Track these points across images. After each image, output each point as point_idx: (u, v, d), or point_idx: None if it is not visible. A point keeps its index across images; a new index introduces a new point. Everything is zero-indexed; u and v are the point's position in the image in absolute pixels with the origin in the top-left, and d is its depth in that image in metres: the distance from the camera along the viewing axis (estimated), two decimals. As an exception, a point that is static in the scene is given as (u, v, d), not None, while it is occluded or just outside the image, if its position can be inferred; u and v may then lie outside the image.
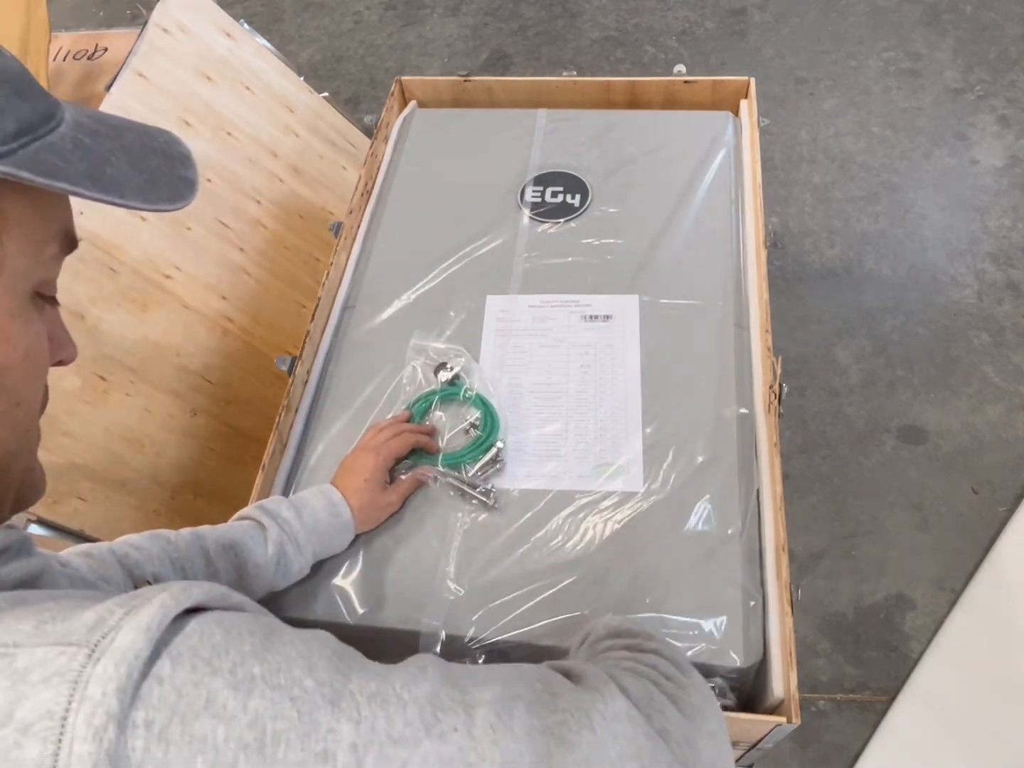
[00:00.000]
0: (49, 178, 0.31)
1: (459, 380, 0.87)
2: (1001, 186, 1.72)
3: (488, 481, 0.80)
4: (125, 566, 0.58)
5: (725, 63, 2.05)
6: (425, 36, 2.26)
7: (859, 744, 1.14)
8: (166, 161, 0.37)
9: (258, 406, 1.19)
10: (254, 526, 0.69)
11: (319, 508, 0.72)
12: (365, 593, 0.75)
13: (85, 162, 0.33)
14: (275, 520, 0.69)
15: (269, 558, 0.67)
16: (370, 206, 1.09)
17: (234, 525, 0.69)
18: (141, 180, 0.35)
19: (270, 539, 0.68)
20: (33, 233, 0.34)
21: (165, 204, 0.36)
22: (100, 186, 0.33)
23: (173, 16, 1.14)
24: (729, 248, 0.96)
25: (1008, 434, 1.40)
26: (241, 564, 0.66)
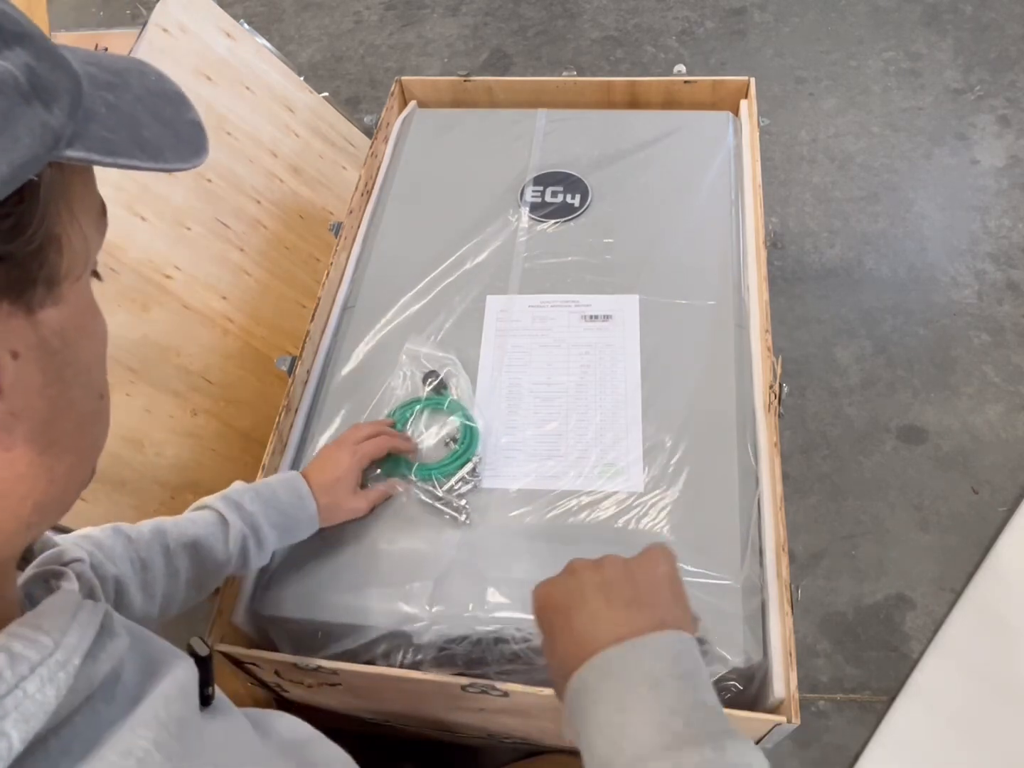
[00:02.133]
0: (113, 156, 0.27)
1: (445, 390, 0.87)
2: (1001, 186, 1.72)
3: (462, 498, 0.79)
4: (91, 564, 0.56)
5: (725, 63, 2.05)
6: (425, 36, 2.26)
7: (859, 744, 1.14)
8: (172, 105, 0.32)
9: (258, 406, 1.19)
10: (216, 520, 0.67)
11: (285, 501, 0.71)
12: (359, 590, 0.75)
13: (125, 129, 0.28)
14: (238, 513, 0.67)
15: (230, 554, 0.66)
16: (370, 206, 1.09)
17: (195, 518, 0.66)
18: (169, 136, 0.30)
19: (232, 535, 0.66)
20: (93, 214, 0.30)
21: (193, 159, 0.31)
22: (148, 153, 0.29)
23: (173, 16, 1.14)
24: (729, 248, 0.97)
25: (1008, 434, 1.40)
26: (201, 561, 0.65)
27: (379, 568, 0.77)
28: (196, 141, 0.32)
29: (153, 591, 0.61)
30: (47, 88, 0.25)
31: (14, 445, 0.27)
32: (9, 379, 0.26)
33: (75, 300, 0.29)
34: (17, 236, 0.25)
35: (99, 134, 0.27)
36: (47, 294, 0.27)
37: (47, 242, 0.26)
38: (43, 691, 0.26)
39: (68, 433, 0.30)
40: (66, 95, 0.26)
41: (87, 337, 0.31)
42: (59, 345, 0.28)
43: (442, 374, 0.87)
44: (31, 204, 0.25)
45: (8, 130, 0.23)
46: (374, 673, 0.70)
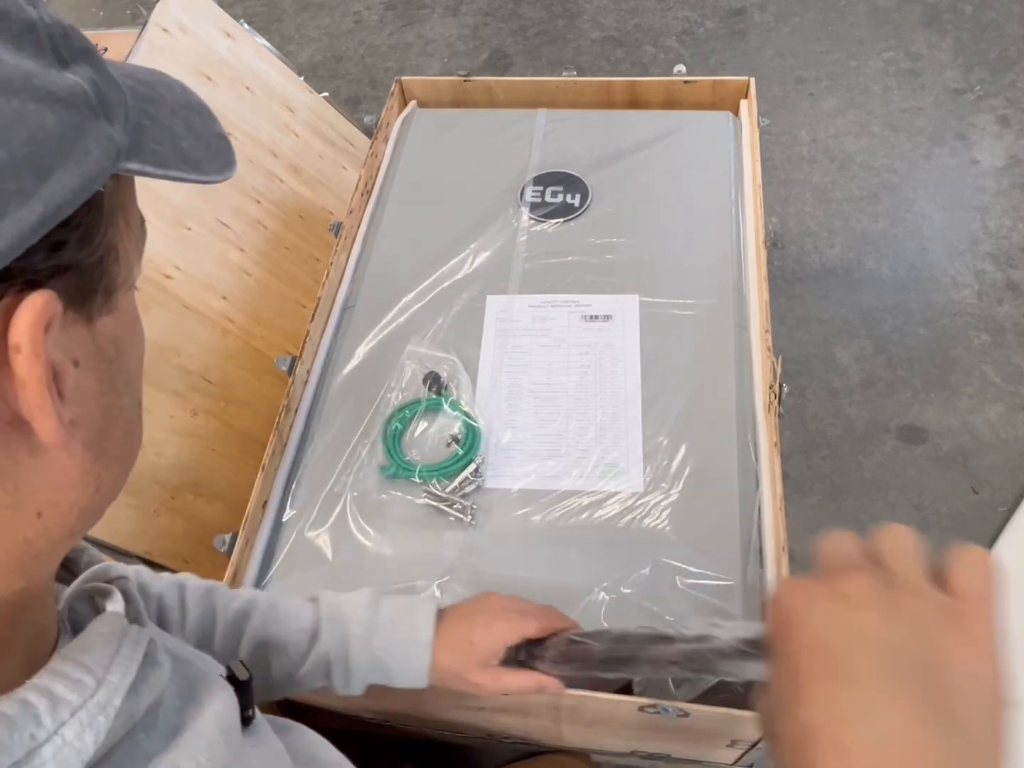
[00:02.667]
0: (164, 168, 0.28)
1: (446, 391, 0.87)
2: (1001, 186, 1.72)
3: (467, 498, 0.79)
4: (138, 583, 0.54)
5: (725, 63, 2.05)
6: (425, 36, 2.26)
7: (859, 744, 1.14)
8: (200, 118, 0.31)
9: (258, 406, 1.19)
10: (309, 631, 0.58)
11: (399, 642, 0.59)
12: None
13: (168, 141, 0.28)
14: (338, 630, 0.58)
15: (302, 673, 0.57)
16: (370, 206, 1.09)
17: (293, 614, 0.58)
18: (203, 149, 0.30)
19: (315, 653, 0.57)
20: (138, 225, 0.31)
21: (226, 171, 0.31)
22: (189, 165, 0.29)
23: (173, 16, 1.14)
24: (729, 248, 0.97)
25: (1008, 434, 1.40)
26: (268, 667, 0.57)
27: (381, 568, 0.77)
28: (225, 154, 0.32)
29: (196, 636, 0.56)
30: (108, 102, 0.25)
31: (75, 452, 0.27)
32: (71, 386, 0.26)
33: (126, 309, 0.30)
34: (85, 246, 0.25)
35: (149, 147, 0.27)
36: (105, 303, 0.28)
37: (107, 252, 0.27)
38: (82, 737, 0.26)
39: (117, 442, 0.30)
40: (121, 109, 0.26)
41: (135, 346, 0.31)
42: (113, 353, 0.29)
43: (443, 375, 0.87)
44: (97, 215, 0.26)
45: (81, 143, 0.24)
46: (374, 673, 0.70)
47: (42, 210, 0.22)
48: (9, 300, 0.23)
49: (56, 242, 0.24)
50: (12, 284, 0.23)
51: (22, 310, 0.23)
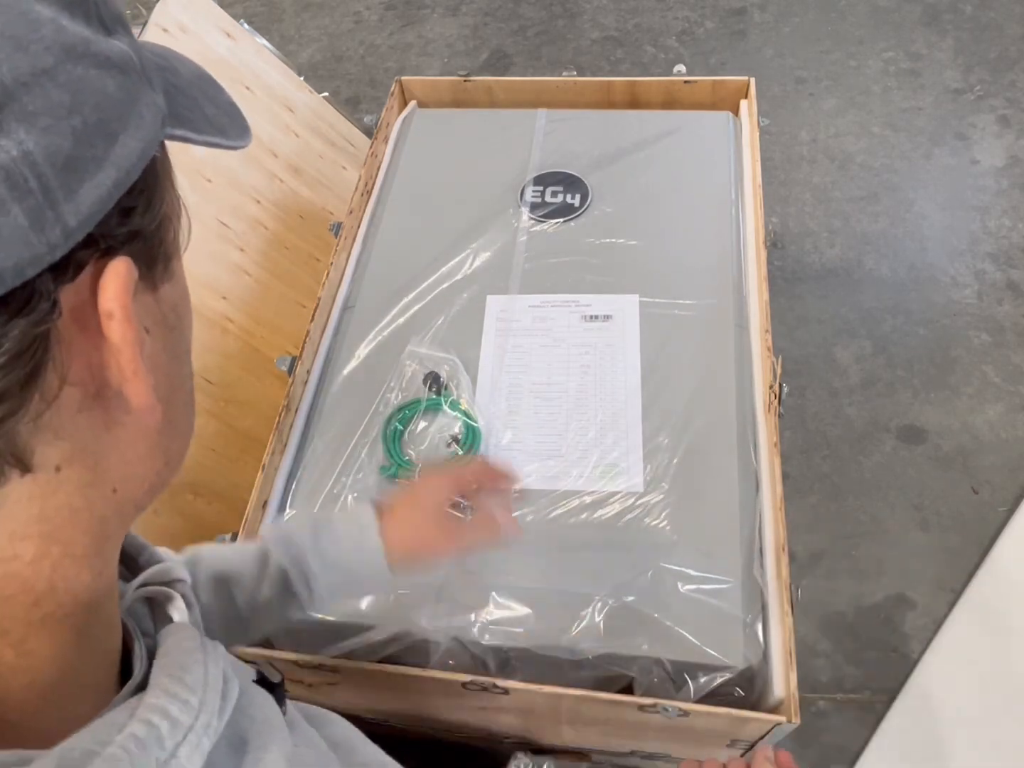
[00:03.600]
0: (201, 134, 0.28)
1: (446, 391, 0.87)
2: (1001, 186, 1.72)
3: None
4: None
5: (725, 63, 2.04)
6: (425, 36, 2.26)
7: (859, 744, 1.14)
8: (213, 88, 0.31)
9: (258, 406, 1.19)
10: (258, 556, 0.59)
11: (342, 533, 0.60)
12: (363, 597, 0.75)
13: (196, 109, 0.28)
14: (284, 548, 0.59)
15: (267, 593, 0.58)
16: (370, 206, 1.09)
17: (241, 549, 0.60)
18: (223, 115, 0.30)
19: (270, 571, 0.58)
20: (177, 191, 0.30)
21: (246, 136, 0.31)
22: (217, 129, 0.29)
23: (173, 16, 1.14)
24: (729, 248, 0.97)
25: (1008, 434, 1.40)
26: (230, 598, 0.58)
27: (379, 568, 0.77)
28: (241, 120, 0.32)
29: None
30: (148, 69, 0.25)
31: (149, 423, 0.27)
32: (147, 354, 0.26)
33: (180, 276, 0.30)
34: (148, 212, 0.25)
35: (184, 114, 0.27)
36: (165, 270, 0.27)
37: (165, 219, 0.27)
38: (192, 759, 0.25)
39: (181, 412, 0.30)
40: (158, 77, 0.26)
41: (189, 314, 0.31)
42: (175, 321, 0.29)
43: (443, 375, 0.87)
44: (154, 181, 0.26)
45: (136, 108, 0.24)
46: (375, 670, 0.70)
47: (115, 175, 0.22)
48: (93, 267, 0.23)
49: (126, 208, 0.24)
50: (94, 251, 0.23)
51: (108, 276, 0.23)
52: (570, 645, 0.70)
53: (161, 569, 0.37)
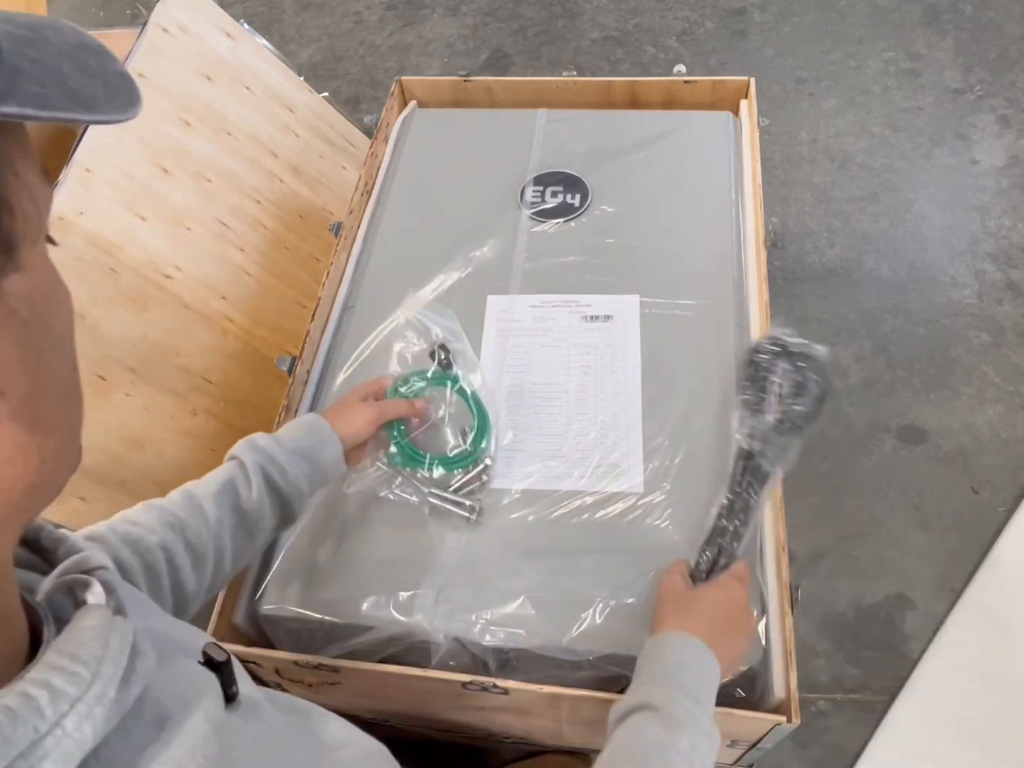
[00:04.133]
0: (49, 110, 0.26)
1: (451, 368, 0.84)
2: (1001, 186, 1.72)
3: (473, 495, 0.78)
4: (128, 542, 0.57)
5: (725, 63, 2.05)
6: (425, 36, 2.26)
7: (859, 744, 1.14)
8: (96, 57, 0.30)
9: (258, 406, 1.19)
10: (234, 464, 0.67)
11: (293, 427, 0.71)
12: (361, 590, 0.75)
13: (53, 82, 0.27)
14: (253, 452, 0.67)
15: (260, 491, 0.66)
16: (370, 206, 1.09)
17: (218, 469, 0.68)
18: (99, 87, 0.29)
19: (250, 470, 0.66)
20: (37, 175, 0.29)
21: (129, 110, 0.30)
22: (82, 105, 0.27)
23: (173, 16, 1.14)
24: (729, 248, 0.96)
25: (1008, 434, 1.40)
26: (236, 505, 0.65)
27: (382, 568, 0.77)
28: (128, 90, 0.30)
29: (201, 549, 0.61)
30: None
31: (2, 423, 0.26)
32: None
33: (38, 266, 0.28)
34: None
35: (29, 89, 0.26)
36: (7, 261, 0.26)
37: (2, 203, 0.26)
38: (81, 728, 0.26)
39: (53, 408, 0.29)
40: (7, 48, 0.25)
41: (56, 304, 0.30)
42: (29, 314, 0.27)
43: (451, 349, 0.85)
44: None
45: None
46: (375, 670, 0.70)
47: None
48: None
49: None
50: None
51: None
52: (570, 645, 0.70)
53: (79, 559, 0.38)
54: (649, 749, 0.50)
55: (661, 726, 0.51)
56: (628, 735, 0.52)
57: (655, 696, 0.53)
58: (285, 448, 0.67)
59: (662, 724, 0.51)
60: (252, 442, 0.68)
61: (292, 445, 0.68)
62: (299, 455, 0.68)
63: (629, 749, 0.51)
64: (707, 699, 0.55)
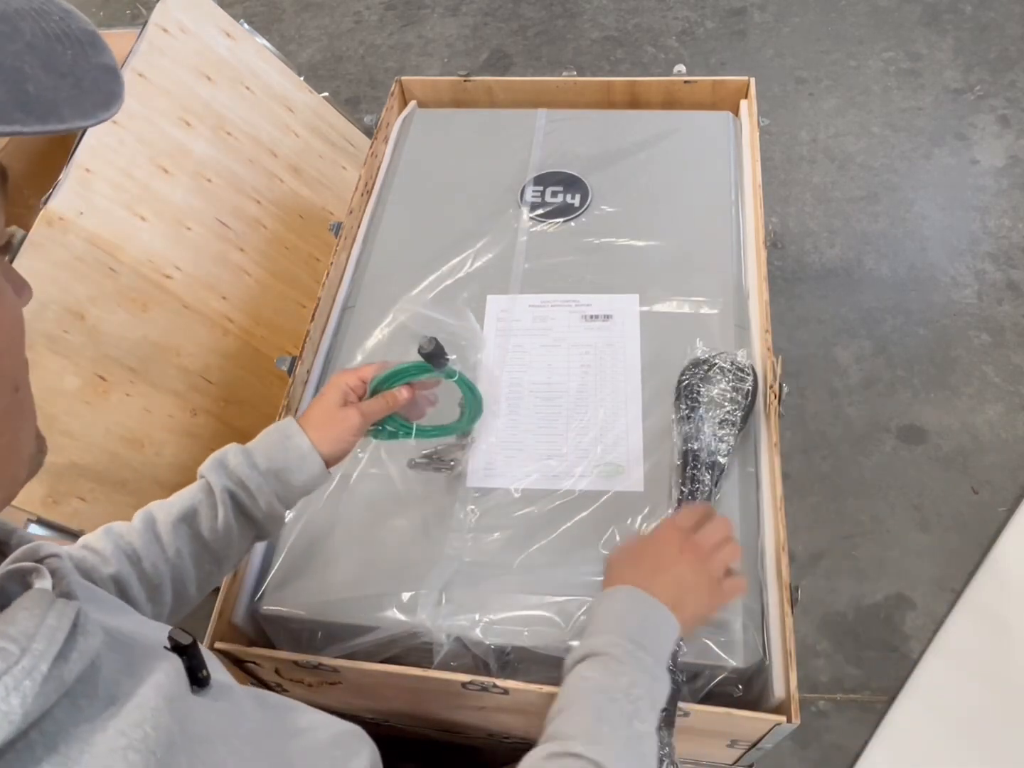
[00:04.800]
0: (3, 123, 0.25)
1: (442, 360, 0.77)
2: (1001, 186, 1.72)
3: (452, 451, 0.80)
4: (82, 571, 0.56)
5: (725, 63, 2.05)
6: (425, 36, 2.26)
7: (859, 744, 1.14)
8: (76, 49, 0.28)
9: (258, 406, 1.19)
10: (201, 486, 0.64)
11: (268, 442, 0.66)
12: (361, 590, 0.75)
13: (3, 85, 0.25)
14: (222, 471, 0.63)
15: (226, 516, 0.63)
16: (370, 206, 1.09)
17: (183, 491, 0.64)
18: (67, 88, 0.27)
19: (218, 495, 0.62)
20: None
21: (101, 112, 0.28)
22: (34, 114, 0.26)
23: (173, 16, 1.14)
24: (729, 248, 0.96)
25: (1008, 434, 1.40)
26: (198, 532, 0.62)
27: (382, 571, 0.77)
28: (104, 88, 0.28)
29: (157, 580, 0.60)
30: None
31: None
32: None
33: None
34: None
35: None
36: None
37: None
38: (7, 700, 0.27)
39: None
40: None
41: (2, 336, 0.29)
42: None
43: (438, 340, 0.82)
44: None
45: None
46: (375, 670, 0.70)
47: None
48: None
49: None
50: None
51: None
52: (571, 645, 0.70)
53: (30, 548, 0.39)
54: (592, 691, 0.52)
55: (603, 669, 0.53)
56: (574, 682, 0.54)
57: (598, 644, 0.55)
58: (257, 469, 0.64)
59: (604, 667, 0.53)
60: (222, 462, 0.64)
61: (266, 465, 0.64)
62: (273, 476, 0.64)
63: (574, 694, 0.53)
64: (653, 643, 0.56)
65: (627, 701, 0.51)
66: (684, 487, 0.76)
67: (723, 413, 0.80)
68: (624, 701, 0.51)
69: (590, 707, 0.51)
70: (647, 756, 0.51)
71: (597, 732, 0.49)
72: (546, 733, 0.51)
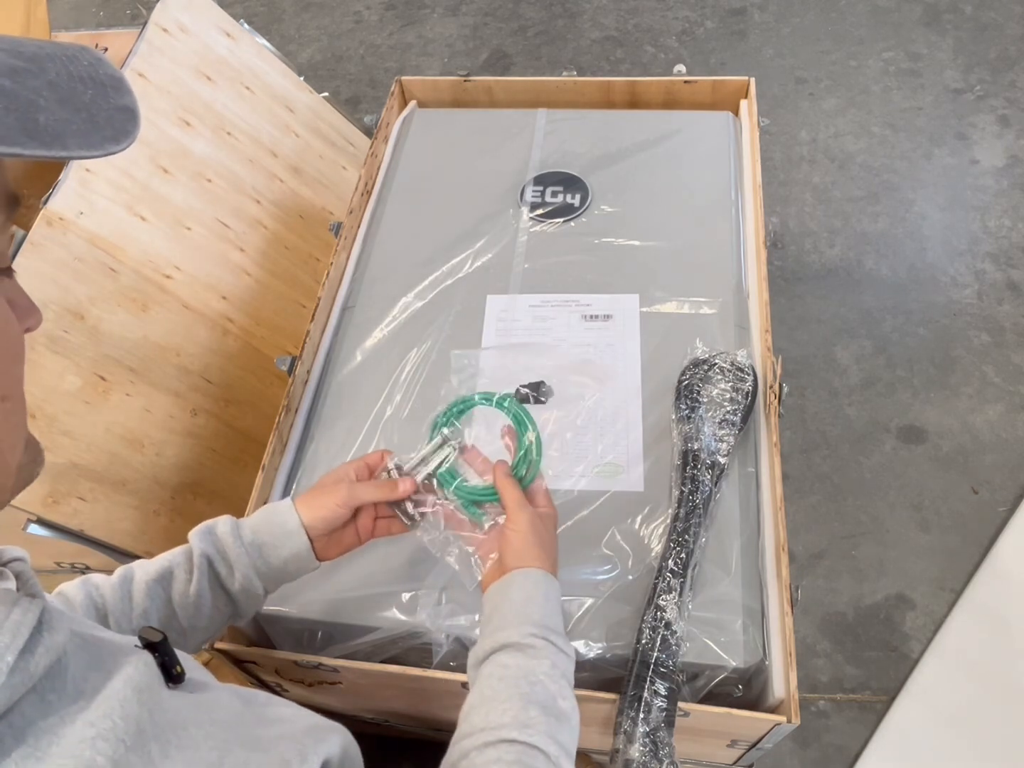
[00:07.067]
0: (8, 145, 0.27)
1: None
2: (1001, 186, 1.72)
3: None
4: None
5: (725, 63, 2.04)
6: (425, 36, 2.26)
7: (859, 744, 1.14)
8: (98, 90, 0.31)
9: (258, 406, 1.19)
10: (184, 549, 0.63)
11: (260, 517, 0.65)
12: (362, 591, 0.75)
13: (13, 113, 0.28)
14: (208, 539, 0.63)
15: (198, 583, 0.62)
16: (370, 206, 1.09)
17: (169, 552, 0.64)
18: (79, 122, 0.30)
19: (195, 560, 0.62)
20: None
21: (111, 146, 0.31)
22: (38, 140, 0.28)
23: (173, 16, 1.14)
24: (729, 248, 0.96)
25: (1008, 434, 1.40)
26: (170, 597, 0.62)
27: (383, 572, 0.77)
28: (118, 126, 0.31)
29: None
30: None
31: None
32: None
33: None
34: None
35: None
36: None
37: None
38: None
39: None
40: None
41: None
42: None
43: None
44: None
45: None
46: (375, 670, 0.70)
47: None
48: None
49: None
50: None
51: None
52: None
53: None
54: (516, 675, 0.54)
55: (523, 655, 0.55)
56: (494, 671, 0.55)
57: (511, 636, 0.56)
58: (241, 540, 0.63)
59: (523, 654, 0.55)
60: (211, 528, 0.64)
61: (250, 538, 0.63)
62: (257, 549, 0.63)
63: (496, 682, 0.54)
64: (556, 623, 0.59)
65: (550, 681, 0.54)
66: (684, 487, 0.76)
67: (723, 413, 0.80)
68: (547, 682, 0.54)
69: (515, 694, 0.53)
70: (575, 729, 0.54)
71: (526, 716, 0.51)
72: (470, 724, 0.52)
